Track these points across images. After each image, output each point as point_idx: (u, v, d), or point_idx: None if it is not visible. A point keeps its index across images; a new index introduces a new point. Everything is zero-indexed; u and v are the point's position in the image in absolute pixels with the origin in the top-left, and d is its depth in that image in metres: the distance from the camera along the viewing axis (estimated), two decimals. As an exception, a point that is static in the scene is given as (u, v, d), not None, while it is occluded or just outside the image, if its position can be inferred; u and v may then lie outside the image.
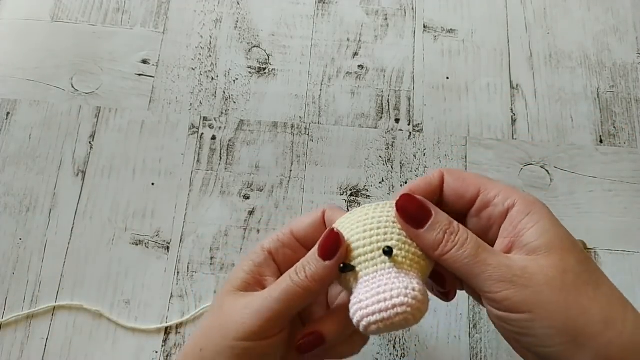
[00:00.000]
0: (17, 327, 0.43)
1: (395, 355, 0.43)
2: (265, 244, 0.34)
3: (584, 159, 0.49)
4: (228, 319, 0.30)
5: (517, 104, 0.51)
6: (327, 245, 0.30)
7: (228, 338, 0.30)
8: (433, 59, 0.53)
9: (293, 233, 0.34)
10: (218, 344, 0.30)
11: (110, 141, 0.49)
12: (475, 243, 0.28)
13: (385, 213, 0.31)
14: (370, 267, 0.29)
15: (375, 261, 0.29)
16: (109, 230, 0.46)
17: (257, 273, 0.32)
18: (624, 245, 0.46)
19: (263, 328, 0.30)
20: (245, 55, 0.53)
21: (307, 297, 0.30)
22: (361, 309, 0.28)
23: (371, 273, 0.29)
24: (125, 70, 0.52)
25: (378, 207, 0.31)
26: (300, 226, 0.34)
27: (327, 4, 0.55)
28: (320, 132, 0.50)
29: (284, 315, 0.30)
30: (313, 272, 0.30)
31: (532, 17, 0.55)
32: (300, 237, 0.34)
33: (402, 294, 0.27)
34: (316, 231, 0.33)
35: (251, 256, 0.33)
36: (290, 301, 0.30)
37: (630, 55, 0.53)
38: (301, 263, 0.31)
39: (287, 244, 0.34)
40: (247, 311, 0.30)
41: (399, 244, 0.29)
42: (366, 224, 0.30)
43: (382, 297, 0.28)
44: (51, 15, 0.54)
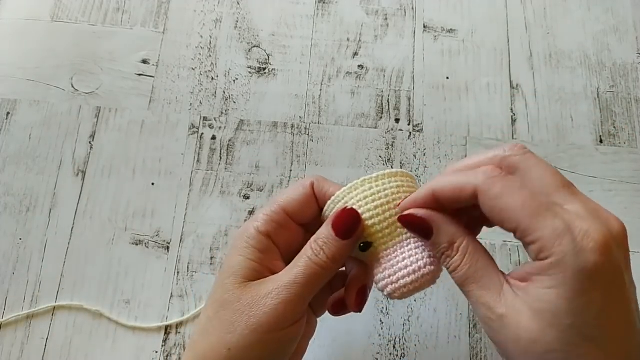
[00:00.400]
0: (17, 327, 0.43)
1: (395, 355, 0.43)
2: (259, 227, 0.32)
3: (584, 158, 0.49)
4: (256, 312, 0.29)
5: (517, 103, 0.51)
6: (347, 225, 0.30)
7: (259, 332, 0.29)
8: (433, 59, 0.53)
9: (285, 210, 0.32)
10: (247, 339, 0.29)
11: (110, 141, 0.49)
12: (465, 274, 0.28)
13: (388, 184, 0.32)
14: (389, 242, 0.31)
15: (393, 235, 0.31)
16: (109, 230, 0.46)
17: (265, 260, 0.31)
18: (624, 245, 0.46)
19: (294, 315, 0.30)
20: (245, 55, 0.53)
21: (328, 277, 0.30)
22: (392, 283, 0.30)
23: (391, 247, 0.31)
24: (125, 70, 0.52)
25: (379, 178, 0.32)
26: (292, 203, 0.32)
27: (327, 4, 0.55)
28: (320, 132, 0.50)
29: (309, 298, 0.30)
30: (334, 252, 0.30)
31: (532, 17, 0.55)
32: (293, 214, 0.33)
33: (427, 262, 0.30)
34: (308, 206, 0.33)
35: (249, 242, 0.32)
36: (313, 283, 0.30)
37: (630, 55, 0.53)
38: (316, 243, 0.30)
39: (282, 224, 0.32)
40: (277, 301, 0.29)
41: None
42: (375, 200, 0.31)
43: (410, 270, 0.30)
44: (51, 15, 0.54)
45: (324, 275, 0.30)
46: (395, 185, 0.32)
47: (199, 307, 0.44)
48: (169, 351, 0.43)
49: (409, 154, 0.49)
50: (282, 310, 0.29)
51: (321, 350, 0.43)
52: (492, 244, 0.46)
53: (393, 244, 0.31)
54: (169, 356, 0.43)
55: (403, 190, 0.32)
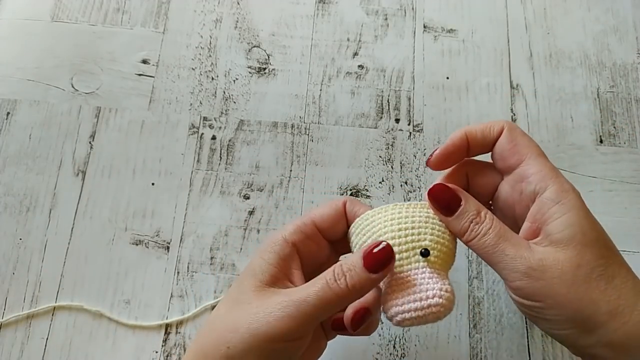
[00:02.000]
0: (17, 327, 0.43)
1: (395, 355, 0.43)
2: (287, 236, 0.33)
3: (584, 158, 0.49)
4: (260, 319, 0.29)
5: (517, 103, 0.51)
6: (379, 259, 0.30)
7: (259, 339, 0.29)
8: (433, 58, 0.53)
9: (315, 224, 0.33)
10: (247, 342, 0.29)
11: (110, 141, 0.49)
12: (497, 233, 0.30)
13: (417, 212, 0.32)
14: (404, 266, 0.31)
15: (410, 260, 0.31)
16: (109, 230, 0.46)
17: (284, 267, 0.32)
18: (624, 245, 0.46)
19: (297, 332, 0.29)
20: (245, 55, 0.53)
21: (342, 304, 0.30)
22: (397, 306, 0.30)
23: (405, 271, 0.31)
24: (125, 70, 0.52)
25: (410, 206, 0.32)
26: (322, 217, 0.33)
27: (327, 4, 0.55)
28: (320, 132, 0.50)
29: (317, 320, 0.30)
30: (355, 282, 0.29)
31: (532, 17, 0.55)
32: (323, 229, 0.33)
33: (437, 295, 0.29)
34: (338, 223, 0.33)
35: (274, 247, 0.32)
36: (325, 307, 0.29)
37: (630, 55, 0.53)
38: (341, 269, 0.30)
39: (310, 235, 0.33)
40: (282, 314, 0.29)
41: (431, 244, 0.31)
42: (400, 223, 0.31)
43: (417, 297, 0.30)
44: (51, 15, 0.54)
45: (337, 302, 0.29)
46: (425, 216, 0.32)
47: (199, 307, 0.44)
48: (168, 351, 0.43)
49: (409, 154, 0.49)
50: (285, 324, 0.29)
51: (321, 350, 0.43)
52: (492, 244, 0.46)
53: (408, 269, 0.31)
54: (169, 356, 0.43)
55: (431, 221, 0.31)
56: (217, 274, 0.45)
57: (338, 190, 0.48)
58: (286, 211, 0.47)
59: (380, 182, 0.49)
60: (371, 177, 0.49)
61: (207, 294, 0.45)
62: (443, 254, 0.31)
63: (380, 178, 0.49)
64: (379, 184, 0.48)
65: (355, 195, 0.48)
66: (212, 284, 0.45)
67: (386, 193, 0.48)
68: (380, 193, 0.48)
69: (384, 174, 0.49)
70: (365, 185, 0.48)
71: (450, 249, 0.32)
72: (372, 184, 0.48)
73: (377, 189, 0.48)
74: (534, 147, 0.32)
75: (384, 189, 0.48)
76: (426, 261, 0.31)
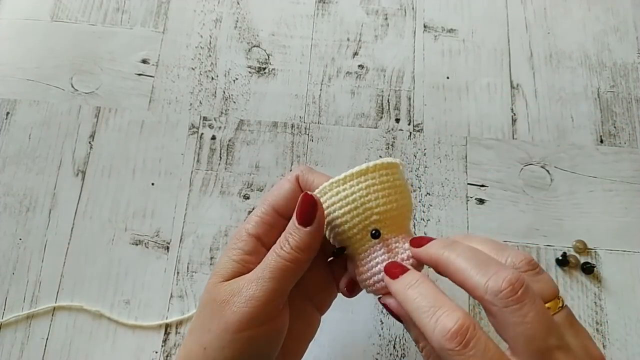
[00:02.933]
0: (17, 327, 0.43)
1: (395, 356, 0.43)
2: (250, 229, 0.32)
3: (584, 158, 0.49)
4: (225, 311, 0.29)
5: (518, 103, 0.51)
6: (304, 212, 0.30)
7: (229, 331, 0.29)
8: (433, 58, 0.53)
9: (275, 209, 0.33)
10: (221, 338, 0.29)
11: (110, 141, 0.49)
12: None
13: (356, 187, 0.31)
14: (359, 247, 0.32)
15: (364, 240, 0.31)
16: (109, 230, 0.46)
17: (247, 261, 0.31)
18: (624, 245, 0.46)
19: (263, 312, 0.29)
20: (245, 55, 0.53)
21: (297, 269, 0.30)
22: (364, 282, 0.32)
23: (364, 251, 0.31)
24: (125, 70, 0.52)
25: (346, 181, 0.31)
26: (279, 199, 0.33)
27: (327, 4, 0.55)
28: (320, 132, 0.50)
29: (279, 294, 0.30)
30: (297, 243, 0.30)
31: (532, 17, 0.55)
32: (283, 211, 0.33)
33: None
34: (296, 200, 0.32)
35: (238, 244, 0.32)
36: (281, 277, 0.29)
37: (631, 55, 0.53)
38: (284, 236, 0.30)
39: (273, 224, 0.32)
40: (243, 299, 0.29)
41: (379, 217, 0.31)
42: (342, 205, 0.31)
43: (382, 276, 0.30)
44: (51, 15, 0.54)
45: (293, 268, 0.30)
46: (365, 186, 0.31)
47: (199, 307, 0.44)
48: (168, 351, 0.43)
49: (409, 154, 0.49)
50: (250, 308, 0.29)
51: (321, 350, 0.43)
52: (492, 244, 0.46)
53: (364, 249, 0.31)
54: (169, 356, 0.43)
55: (374, 189, 0.31)
56: (217, 274, 0.45)
57: (338, 190, 0.48)
58: (286, 211, 0.47)
59: (380, 182, 0.48)
60: (371, 177, 0.48)
61: (207, 294, 0.44)
62: (394, 219, 0.31)
63: (380, 178, 0.49)
64: (379, 184, 0.48)
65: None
66: (212, 284, 0.45)
67: (386, 193, 0.48)
68: (380, 193, 0.48)
69: (384, 174, 0.49)
70: (365, 185, 0.48)
71: (401, 210, 0.32)
72: (372, 184, 0.48)
73: (377, 189, 0.48)
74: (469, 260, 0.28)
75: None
76: (380, 239, 0.31)
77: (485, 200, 0.48)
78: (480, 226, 0.47)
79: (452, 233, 0.46)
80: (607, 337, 0.43)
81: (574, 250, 0.46)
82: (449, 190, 0.48)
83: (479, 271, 0.26)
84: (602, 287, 0.45)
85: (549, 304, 0.26)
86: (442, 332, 0.25)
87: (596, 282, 0.45)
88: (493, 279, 0.25)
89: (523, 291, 0.25)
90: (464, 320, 0.25)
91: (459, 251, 0.27)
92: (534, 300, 0.25)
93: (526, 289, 0.25)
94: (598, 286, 0.45)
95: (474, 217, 0.47)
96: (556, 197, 0.48)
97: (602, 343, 0.43)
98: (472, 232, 0.47)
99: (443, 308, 0.26)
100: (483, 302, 0.26)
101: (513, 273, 0.25)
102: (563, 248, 0.46)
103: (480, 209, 0.47)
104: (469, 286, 0.26)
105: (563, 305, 0.27)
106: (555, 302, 0.26)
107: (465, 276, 0.26)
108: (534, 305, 0.25)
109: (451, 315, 0.25)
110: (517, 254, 0.27)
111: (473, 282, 0.26)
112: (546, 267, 0.45)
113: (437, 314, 0.25)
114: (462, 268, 0.26)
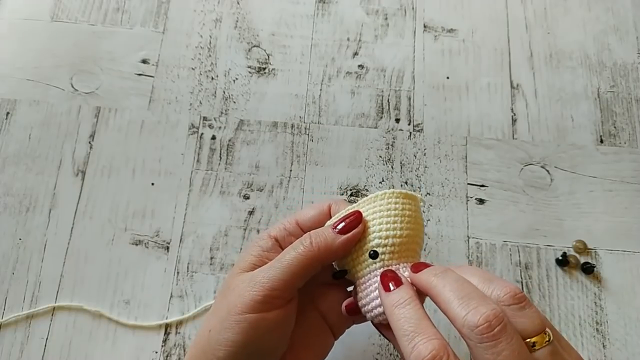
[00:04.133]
0: (17, 327, 0.43)
1: (396, 356, 0.43)
2: (271, 232, 0.35)
3: (585, 158, 0.49)
4: (234, 295, 0.31)
5: (518, 103, 0.51)
6: (348, 222, 0.32)
7: (233, 312, 0.30)
8: (433, 58, 0.53)
9: (298, 223, 0.35)
10: (224, 319, 0.30)
11: (110, 141, 0.49)
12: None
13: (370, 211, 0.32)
14: (360, 271, 0.32)
15: (366, 264, 0.32)
16: (109, 230, 0.46)
17: (265, 257, 0.33)
18: (624, 245, 0.46)
19: (267, 297, 0.30)
20: (245, 55, 0.53)
21: (309, 264, 0.31)
22: (363, 307, 0.32)
23: (364, 275, 0.32)
24: (125, 70, 0.52)
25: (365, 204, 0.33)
26: (305, 217, 0.35)
27: (327, 4, 0.55)
28: (320, 132, 0.50)
29: (287, 284, 0.31)
30: (320, 241, 0.31)
31: (532, 17, 0.55)
32: (305, 228, 0.34)
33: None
34: (321, 223, 0.34)
35: (259, 242, 0.34)
36: (292, 268, 0.31)
37: (631, 55, 0.53)
38: (306, 234, 0.32)
39: (292, 232, 0.34)
40: (251, 283, 0.31)
41: (381, 242, 0.31)
42: None
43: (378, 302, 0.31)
44: (51, 15, 0.54)
45: (305, 262, 0.31)
46: (372, 211, 0.32)
47: (199, 307, 0.44)
48: (168, 351, 0.43)
49: (409, 154, 0.49)
50: (255, 291, 0.30)
51: (321, 350, 0.43)
52: (492, 244, 0.46)
53: (364, 273, 0.32)
54: (169, 356, 0.43)
55: (380, 215, 0.32)
56: (216, 274, 0.45)
57: (338, 190, 0.48)
58: (286, 211, 0.47)
59: (381, 182, 0.48)
60: (371, 177, 0.49)
61: (207, 294, 0.44)
62: (398, 246, 0.31)
63: (380, 178, 0.49)
64: (379, 184, 0.48)
65: (355, 195, 0.48)
66: (211, 284, 0.45)
67: (386, 193, 0.48)
68: (380, 193, 0.48)
69: (384, 174, 0.49)
70: (366, 185, 0.48)
71: (407, 239, 0.32)
72: (372, 184, 0.48)
73: (377, 189, 0.48)
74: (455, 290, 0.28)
75: (384, 189, 0.48)
76: (381, 261, 0.31)
77: (485, 200, 0.48)
78: (480, 226, 0.47)
79: (452, 233, 0.47)
80: (607, 337, 0.43)
81: (574, 250, 0.46)
82: (449, 190, 0.48)
83: (460, 303, 0.26)
84: (602, 287, 0.45)
85: (534, 338, 0.26)
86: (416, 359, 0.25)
87: (596, 282, 0.45)
88: (472, 313, 0.25)
89: (500, 329, 0.25)
90: (438, 350, 0.25)
91: (447, 280, 0.28)
92: (510, 339, 0.25)
93: (503, 326, 0.25)
94: (598, 286, 0.45)
95: (474, 217, 0.47)
96: (556, 197, 0.48)
97: (602, 343, 0.43)
98: (472, 232, 0.47)
99: (422, 335, 0.26)
100: (461, 334, 0.26)
101: (493, 309, 0.25)
102: (563, 248, 0.46)
103: (480, 209, 0.47)
104: (450, 316, 0.27)
105: (550, 339, 0.26)
106: (542, 337, 0.26)
107: (448, 306, 0.27)
108: (509, 344, 0.25)
109: (427, 344, 0.25)
110: (504, 287, 0.27)
111: (454, 313, 0.26)
112: (546, 267, 0.45)
113: (415, 339, 0.26)
114: (447, 299, 0.27)
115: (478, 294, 0.27)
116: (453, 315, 0.26)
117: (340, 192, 0.48)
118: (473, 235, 0.47)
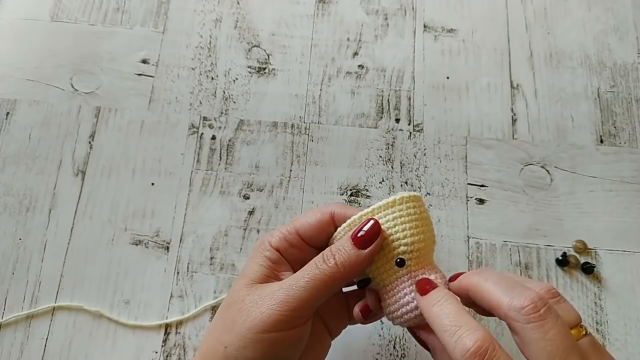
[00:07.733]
0: (17, 327, 0.43)
1: (396, 356, 0.43)
2: (273, 242, 0.34)
3: (585, 158, 0.49)
4: (253, 311, 0.30)
5: (518, 103, 0.51)
6: (367, 235, 0.31)
7: (254, 330, 0.29)
8: (433, 58, 0.53)
9: (298, 232, 0.34)
10: (244, 337, 0.29)
11: (110, 141, 0.49)
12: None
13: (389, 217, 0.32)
14: (386, 278, 0.32)
15: (392, 271, 0.32)
16: (109, 230, 0.46)
17: (274, 268, 0.33)
18: (624, 245, 0.46)
19: (290, 317, 0.29)
20: (245, 55, 0.53)
21: (333, 284, 0.30)
22: (391, 313, 0.32)
23: (392, 282, 0.32)
24: (125, 70, 0.52)
25: (381, 210, 0.32)
26: (306, 227, 0.34)
27: (327, 4, 0.55)
28: (320, 132, 0.50)
29: (311, 304, 0.30)
30: (344, 260, 0.30)
31: (532, 17, 0.55)
32: (307, 238, 0.34)
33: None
34: (322, 232, 0.34)
35: (264, 252, 0.33)
36: (317, 289, 0.30)
37: (631, 55, 0.53)
38: (329, 250, 0.31)
39: (294, 244, 0.34)
40: (273, 302, 0.30)
41: (407, 249, 0.31)
42: None
43: (409, 308, 0.31)
44: (51, 15, 0.54)
45: (329, 282, 0.30)
46: (392, 218, 0.32)
47: (199, 307, 0.44)
48: (168, 351, 0.43)
49: (409, 154, 0.49)
50: (277, 310, 0.29)
51: (321, 350, 0.43)
52: (492, 244, 0.46)
53: (391, 280, 0.32)
54: (169, 356, 0.43)
55: (401, 221, 0.32)
56: (217, 274, 0.45)
57: (338, 190, 0.48)
58: (286, 211, 0.47)
59: (381, 182, 0.48)
60: (371, 177, 0.49)
61: (207, 294, 0.44)
62: (421, 251, 0.32)
63: (380, 178, 0.49)
64: (379, 184, 0.48)
65: (355, 195, 0.48)
66: (211, 284, 0.45)
67: (386, 193, 0.48)
68: (380, 193, 0.48)
69: (384, 174, 0.49)
70: (366, 185, 0.48)
71: (427, 242, 0.33)
72: (372, 184, 0.48)
73: (377, 189, 0.48)
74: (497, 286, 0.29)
75: (384, 189, 0.48)
76: (407, 268, 0.32)
77: (485, 200, 0.48)
78: (480, 226, 0.47)
79: (452, 233, 0.47)
80: (607, 337, 0.43)
81: (574, 250, 0.46)
82: (449, 190, 0.48)
83: (504, 291, 0.27)
84: (602, 287, 0.45)
85: (572, 330, 0.27)
86: (462, 352, 0.25)
87: (596, 282, 0.45)
88: (517, 297, 0.26)
89: (545, 309, 0.26)
90: (483, 341, 0.25)
91: (487, 275, 0.29)
92: (556, 319, 0.26)
93: (549, 308, 0.26)
94: (598, 286, 0.45)
95: (474, 217, 0.47)
96: (556, 197, 0.48)
97: (602, 343, 0.43)
98: (472, 232, 0.47)
99: (464, 327, 0.26)
100: (507, 319, 0.27)
101: (536, 293, 0.26)
102: (563, 248, 0.46)
103: (480, 209, 0.47)
104: (494, 304, 0.27)
105: (587, 332, 0.27)
106: (579, 330, 0.27)
107: (491, 296, 0.27)
108: (556, 324, 0.25)
109: (471, 335, 0.26)
110: (539, 283, 0.29)
111: (499, 301, 0.27)
112: (546, 267, 0.45)
113: (457, 332, 0.26)
114: (489, 289, 0.28)
115: (519, 284, 0.28)
116: (497, 302, 0.27)
117: (340, 192, 0.48)
118: (473, 235, 0.47)
